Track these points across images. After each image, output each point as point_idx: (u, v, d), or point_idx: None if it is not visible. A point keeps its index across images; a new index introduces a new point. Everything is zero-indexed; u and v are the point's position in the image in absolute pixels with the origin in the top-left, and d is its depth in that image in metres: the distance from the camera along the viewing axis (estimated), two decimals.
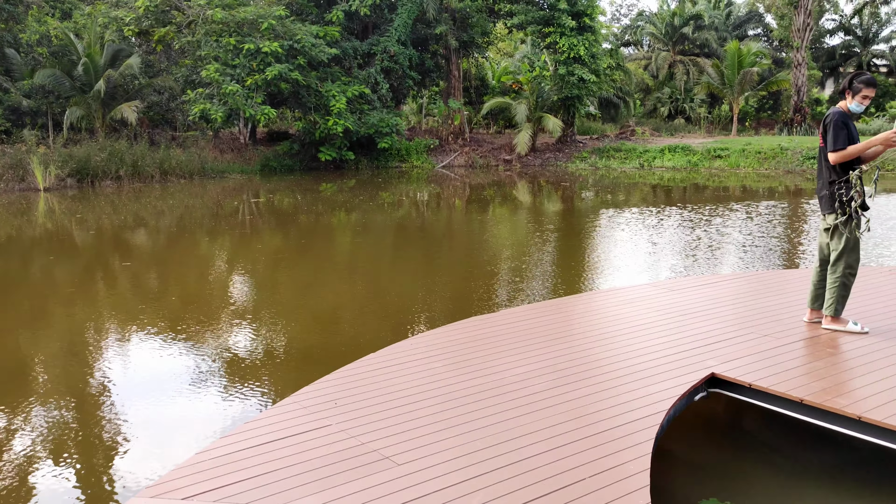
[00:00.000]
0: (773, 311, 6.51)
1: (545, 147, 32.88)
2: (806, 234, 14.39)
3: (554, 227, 16.81)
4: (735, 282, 8.03)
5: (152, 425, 5.64)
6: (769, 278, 8.26)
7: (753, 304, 6.86)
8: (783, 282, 7.97)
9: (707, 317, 6.37)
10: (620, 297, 7.25)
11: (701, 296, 7.22)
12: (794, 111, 34.88)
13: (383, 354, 5.49)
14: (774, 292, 7.35)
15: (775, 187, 23.47)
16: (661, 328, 6.02)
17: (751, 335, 5.76)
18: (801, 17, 34.20)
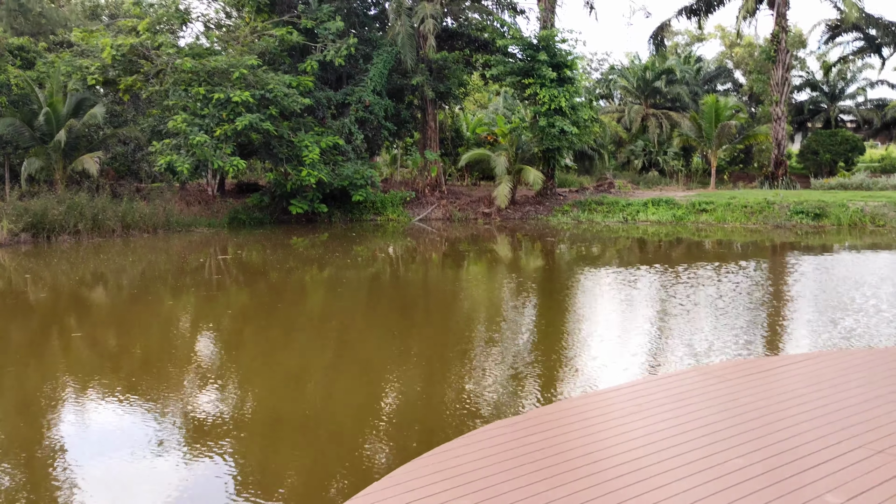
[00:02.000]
0: None
1: (525, 200, 32.05)
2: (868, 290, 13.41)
3: (556, 293, 15.70)
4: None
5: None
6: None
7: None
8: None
9: None
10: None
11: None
12: (775, 165, 34.58)
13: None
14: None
15: (777, 242, 22.74)
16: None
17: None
18: (779, 72, 34.19)
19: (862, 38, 36.44)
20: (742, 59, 55.20)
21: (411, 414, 7.55)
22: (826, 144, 40.92)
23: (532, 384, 8.38)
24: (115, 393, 8.12)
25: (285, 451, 6.49)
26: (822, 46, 37.59)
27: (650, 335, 10.67)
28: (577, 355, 9.66)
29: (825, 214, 25.81)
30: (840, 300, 12.73)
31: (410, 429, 7.08)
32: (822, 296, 13.29)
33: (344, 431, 7.00)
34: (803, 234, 24.26)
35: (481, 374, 8.87)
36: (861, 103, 61.89)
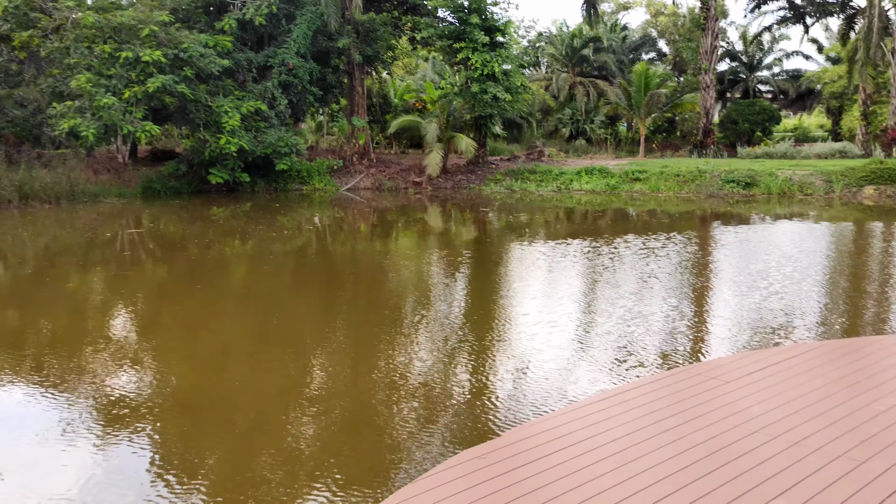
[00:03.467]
0: None
1: (456, 168, 31.17)
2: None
3: (491, 268, 14.92)
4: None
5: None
6: None
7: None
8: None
9: None
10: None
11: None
12: (704, 134, 34.74)
13: None
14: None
15: (712, 211, 22.62)
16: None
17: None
18: (708, 40, 34.19)
19: (787, 6, 36.83)
20: (666, 28, 55.47)
21: (337, 394, 7.12)
22: (745, 114, 41.45)
23: (461, 361, 7.61)
24: (19, 376, 7.42)
25: (204, 435, 6.11)
26: (749, 15, 37.68)
27: (584, 314, 10.01)
28: (508, 330, 8.90)
29: (755, 183, 25.93)
30: (779, 288, 12.40)
31: (335, 408, 6.71)
32: (767, 277, 12.95)
33: (268, 414, 6.58)
34: (735, 202, 24.27)
35: (409, 351, 8.24)
36: (777, 74, 63.42)
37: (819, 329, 9.08)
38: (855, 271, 12.99)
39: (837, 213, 21.69)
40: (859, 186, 24.75)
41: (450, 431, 6.03)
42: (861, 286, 11.69)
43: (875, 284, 11.79)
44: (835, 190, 24.88)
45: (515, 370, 7.60)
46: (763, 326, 9.17)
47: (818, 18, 37.77)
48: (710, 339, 8.70)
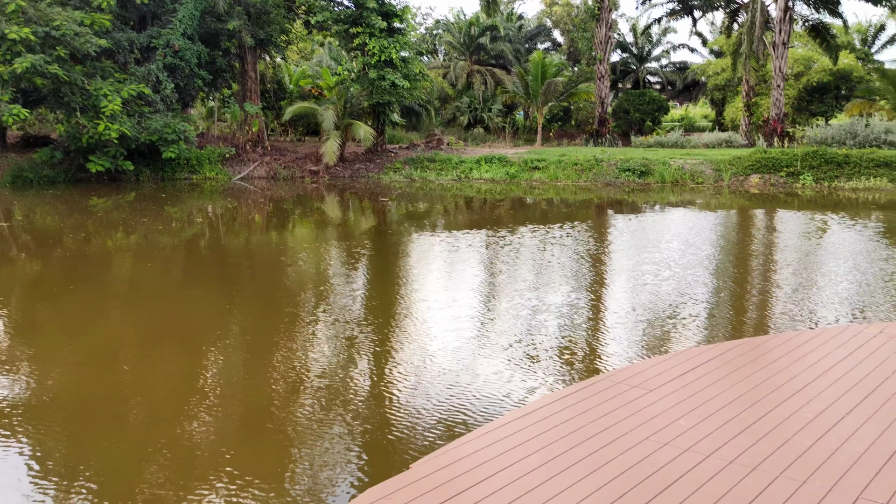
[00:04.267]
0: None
1: (355, 157, 30.40)
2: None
3: (389, 260, 14.45)
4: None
5: None
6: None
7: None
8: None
9: None
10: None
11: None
12: (600, 123, 35.32)
13: None
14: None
15: (609, 199, 22.89)
16: None
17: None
18: (602, 30, 34.71)
19: (675, 0, 37.90)
20: (560, 18, 56.28)
21: (230, 395, 6.67)
22: (636, 104, 42.58)
23: (360, 359, 7.15)
24: None
25: (89, 438, 5.74)
26: (640, 7, 38.60)
27: (485, 308, 9.74)
28: (408, 326, 8.51)
29: (650, 172, 26.51)
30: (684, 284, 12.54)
31: (230, 411, 6.32)
32: (671, 266, 13.08)
33: (158, 414, 6.21)
34: (632, 191, 24.72)
35: (303, 347, 7.77)
36: (665, 66, 65.66)
37: (729, 326, 9.11)
38: (757, 261, 13.29)
39: (727, 200, 22.42)
40: (746, 175, 25.73)
41: (348, 432, 5.57)
42: (766, 277, 11.93)
43: (779, 275, 12.06)
44: (724, 178, 25.75)
45: (415, 369, 7.18)
46: (669, 321, 9.12)
47: (705, 12, 39.08)
48: (618, 337, 8.55)
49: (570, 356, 7.57)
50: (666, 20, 39.92)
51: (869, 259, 12.71)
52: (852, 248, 13.89)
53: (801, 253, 13.74)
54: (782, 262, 12.80)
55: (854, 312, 9.14)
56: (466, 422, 5.81)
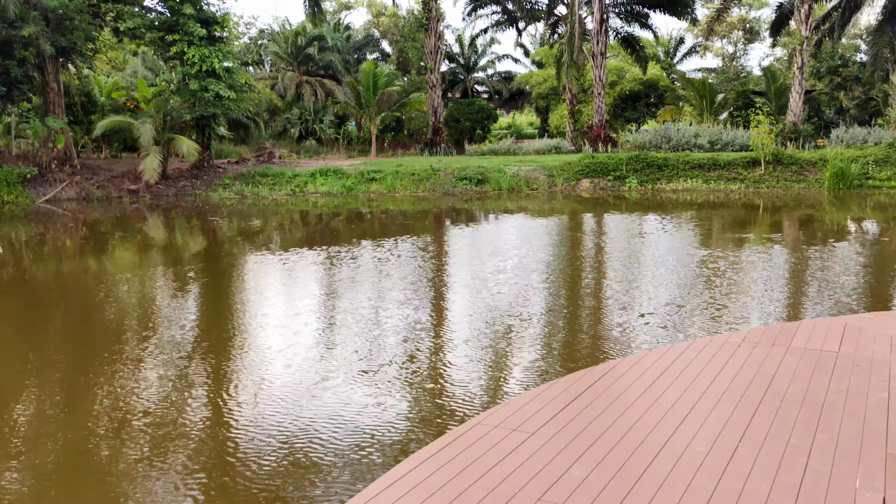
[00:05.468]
0: None
1: (179, 174, 28.35)
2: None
3: (219, 284, 13.29)
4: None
5: None
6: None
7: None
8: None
9: None
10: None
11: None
12: (434, 132, 35.35)
13: None
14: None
15: (447, 208, 22.69)
16: None
17: None
18: (432, 41, 34.81)
19: (501, 11, 38.84)
20: (388, 28, 56.23)
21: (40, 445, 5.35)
22: (465, 113, 43.20)
23: (190, 392, 6.25)
24: None
25: None
26: (466, 18, 39.17)
27: (322, 331, 9.06)
28: (242, 356, 7.68)
29: (486, 180, 26.74)
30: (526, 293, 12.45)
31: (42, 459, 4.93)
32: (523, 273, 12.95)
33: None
34: (470, 199, 24.77)
35: (125, 389, 6.66)
36: (492, 75, 67.61)
37: (590, 345, 8.94)
38: (606, 269, 13.43)
39: (562, 205, 22.97)
40: (577, 180, 26.59)
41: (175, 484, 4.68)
42: (624, 289, 12.01)
43: (634, 286, 12.19)
44: (557, 184, 26.46)
45: (252, 403, 6.33)
46: (526, 341, 8.82)
47: (528, 23, 40.36)
48: (479, 359, 8.11)
49: (428, 384, 7.02)
50: (492, 31, 40.85)
51: (700, 261, 13.23)
52: (675, 250, 14.46)
53: (646, 258, 14.09)
54: (630, 269, 13.02)
55: (716, 323, 9.29)
56: (317, 464, 5.08)
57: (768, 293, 10.47)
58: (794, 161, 25.95)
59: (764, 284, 11.02)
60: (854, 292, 10.44)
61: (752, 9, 54.82)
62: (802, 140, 30.87)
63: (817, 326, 6.36)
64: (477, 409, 6.36)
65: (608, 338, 8.50)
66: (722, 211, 20.71)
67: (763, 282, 11.20)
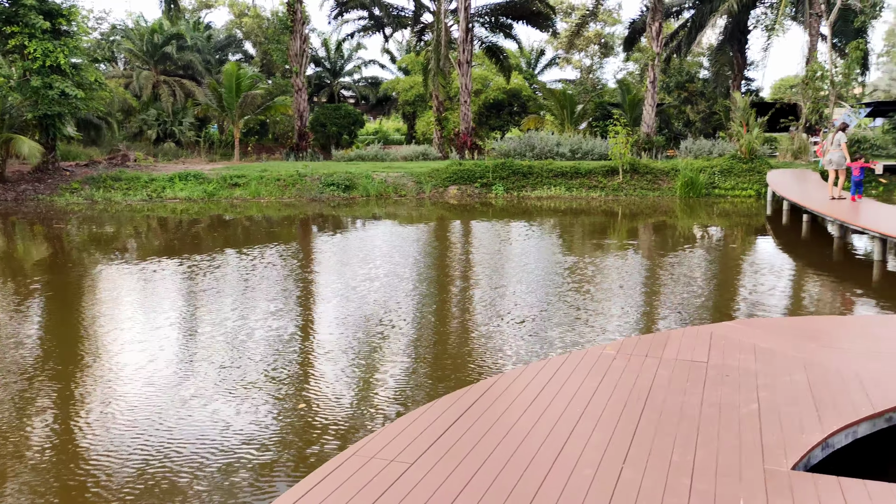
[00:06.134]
0: None
1: (20, 177, 26.05)
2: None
3: (66, 299, 12.25)
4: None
5: None
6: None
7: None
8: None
9: None
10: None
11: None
12: (300, 137, 34.47)
13: None
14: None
15: (314, 214, 22.08)
16: None
17: None
18: (297, 43, 33.92)
19: (367, 16, 38.50)
20: (252, 29, 54.50)
21: None
22: (332, 118, 42.61)
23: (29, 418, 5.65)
24: None
25: None
26: (332, 22, 38.53)
27: (183, 349, 8.53)
28: (92, 375, 7.06)
29: (354, 186, 26.34)
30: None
31: None
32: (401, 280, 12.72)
33: None
34: (337, 205, 24.29)
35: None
36: (358, 80, 67.12)
37: (462, 361, 8.82)
38: (474, 278, 13.42)
39: (430, 211, 22.97)
40: (445, 186, 26.72)
41: None
42: (493, 300, 11.99)
43: (507, 297, 12.20)
44: (425, 190, 26.47)
45: (102, 425, 5.76)
46: (397, 357, 8.61)
47: (395, 29, 40.27)
48: (348, 379, 7.80)
49: (300, 403, 6.64)
50: (359, 36, 40.45)
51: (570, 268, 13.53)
52: (543, 257, 14.75)
53: (517, 265, 14.22)
54: (502, 276, 13.08)
55: (588, 333, 9.42)
56: (175, 494, 4.63)
57: (634, 299, 10.81)
58: (648, 170, 27.29)
59: (631, 290, 11.38)
60: (714, 299, 10.97)
61: (607, 25, 57.49)
62: (655, 150, 32.59)
63: (686, 336, 6.53)
64: (352, 431, 6.07)
65: (485, 348, 8.43)
66: (585, 218, 21.41)
67: (630, 288, 11.57)
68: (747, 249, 16.18)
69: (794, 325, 7.21)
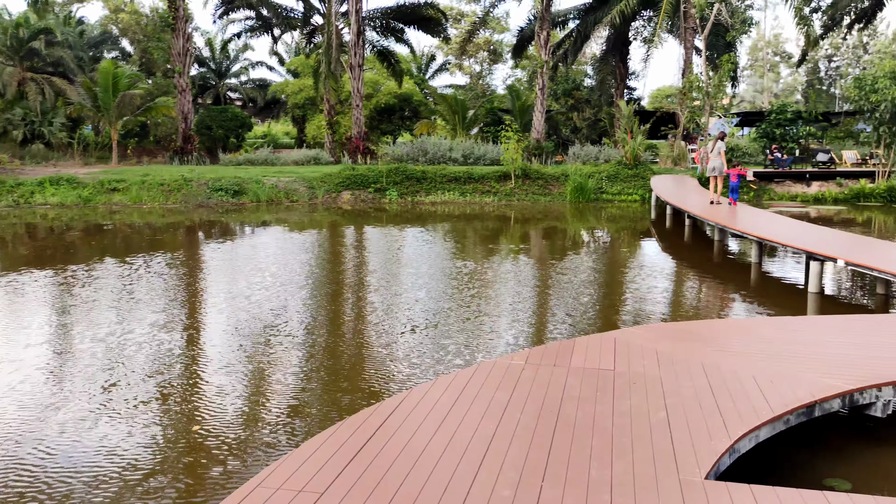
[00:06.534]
0: None
1: None
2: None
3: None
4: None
5: None
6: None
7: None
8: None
9: None
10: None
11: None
12: (184, 139, 33.02)
13: None
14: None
15: (200, 220, 21.12)
16: None
17: None
18: (180, 42, 32.47)
19: (255, 16, 37.40)
20: (129, 26, 51.88)
21: None
22: (218, 120, 41.22)
23: None
24: None
25: None
26: (217, 21, 37.18)
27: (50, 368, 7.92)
28: None
29: (244, 191, 25.47)
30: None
31: None
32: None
33: None
34: (226, 211, 23.41)
35: None
36: (245, 82, 65.30)
37: (352, 383, 8.56)
38: (379, 289, 13.14)
39: (324, 217, 22.49)
40: (338, 191, 26.27)
41: None
42: (394, 313, 11.75)
43: (407, 311, 11.98)
44: (318, 196, 25.93)
45: None
46: (295, 377, 8.26)
47: (284, 31, 39.33)
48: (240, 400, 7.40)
49: (192, 426, 6.21)
50: (245, 36, 39.28)
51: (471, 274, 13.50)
52: (435, 263, 14.70)
53: (415, 272, 14.05)
54: (401, 283, 12.88)
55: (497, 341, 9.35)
56: None
57: (534, 305, 10.87)
58: (540, 175, 27.84)
59: (529, 296, 11.45)
60: (609, 304, 11.19)
61: (496, 32, 58.46)
62: (545, 156, 33.31)
63: (591, 343, 6.55)
64: (254, 456, 5.72)
65: (389, 358, 8.21)
66: (480, 223, 21.55)
67: (528, 293, 11.64)
68: (637, 253, 16.71)
69: (691, 330, 7.41)
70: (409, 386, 7.27)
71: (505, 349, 8.57)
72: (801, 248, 11.82)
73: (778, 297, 11.80)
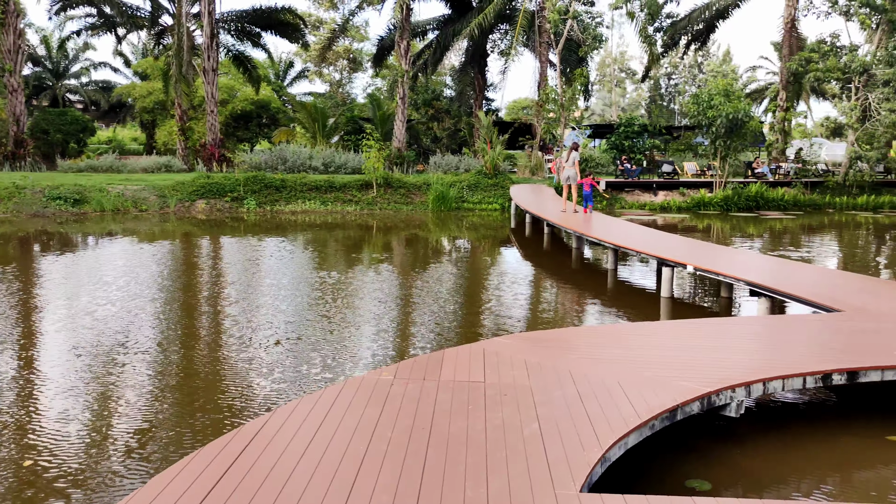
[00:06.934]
0: None
1: None
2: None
3: None
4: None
5: None
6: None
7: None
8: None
9: None
10: None
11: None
12: (16, 144, 30.32)
13: None
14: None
15: (53, 232, 19.37)
16: None
17: None
18: (10, 38, 29.83)
19: (96, 14, 35.00)
20: None
21: None
22: (56, 124, 38.24)
23: None
24: None
25: None
26: (53, 17, 34.52)
27: None
28: None
29: (86, 200, 23.70)
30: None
31: None
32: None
33: None
34: (66, 221, 21.68)
35: None
36: (87, 84, 61.25)
37: (204, 403, 8.04)
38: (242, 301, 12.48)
39: (175, 227, 21.31)
40: (192, 200, 25.00)
41: None
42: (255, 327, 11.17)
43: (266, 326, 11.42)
44: (169, 205, 24.56)
45: None
46: (133, 395, 7.65)
47: (129, 30, 37.12)
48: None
49: (25, 461, 5.54)
50: (86, 34, 36.75)
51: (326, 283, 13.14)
52: (296, 273, 14.27)
53: (274, 284, 13.50)
54: (261, 296, 12.32)
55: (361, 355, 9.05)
56: None
57: (398, 316, 10.70)
58: (402, 184, 27.80)
59: (393, 306, 11.27)
60: (473, 313, 11.21)
61: (356, 41, 58.11)
62: (406, 165, 33.35)
63: (460, 355, 6.45)
64: (98, 491, 5.16)
65: (250, 373, 7.75)
66: (341, 232, 21.17)
67: (392, 304, 11.46)
68: (499, 261, 16.96)
69: (558, 338, 7.48)
70: (274, 403, 6.90)
71: (372, 362, 8.34)
72: (654, 254, 12.37)
73: (633, 302, 12.29)
